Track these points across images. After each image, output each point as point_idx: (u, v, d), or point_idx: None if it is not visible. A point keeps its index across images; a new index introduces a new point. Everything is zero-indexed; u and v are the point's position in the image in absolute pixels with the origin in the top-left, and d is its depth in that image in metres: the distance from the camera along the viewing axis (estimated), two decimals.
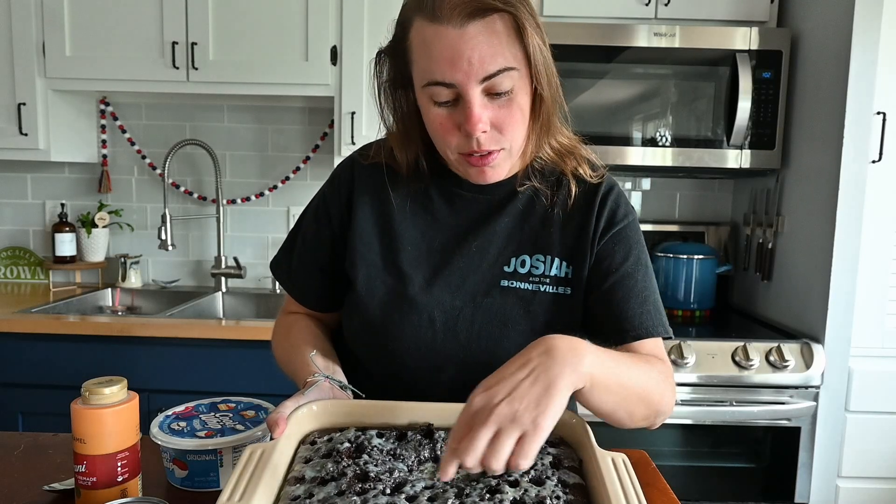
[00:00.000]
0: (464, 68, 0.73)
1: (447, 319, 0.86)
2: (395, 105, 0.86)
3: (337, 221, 0.93)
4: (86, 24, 1.98)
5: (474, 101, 0.75)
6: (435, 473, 0.65)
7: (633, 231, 0.90)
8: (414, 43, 0.77)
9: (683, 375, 1.72)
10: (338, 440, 0.70)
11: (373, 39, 1.96)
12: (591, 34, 1.90)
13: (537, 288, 0.87)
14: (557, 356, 0.62)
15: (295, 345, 0.92)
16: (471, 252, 0.88)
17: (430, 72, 0.76)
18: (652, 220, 2.34)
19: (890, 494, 1.82)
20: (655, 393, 0.77)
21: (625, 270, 0.87)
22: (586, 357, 0.64)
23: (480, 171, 0.82)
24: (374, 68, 0.85)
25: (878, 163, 1.74)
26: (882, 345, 1.80)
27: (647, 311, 0.86)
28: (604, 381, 0.67)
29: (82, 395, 0.73)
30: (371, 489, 0.61)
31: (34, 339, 1.76)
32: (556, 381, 0.60)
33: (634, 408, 0.75)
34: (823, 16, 1.81)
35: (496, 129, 0.78)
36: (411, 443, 0.70)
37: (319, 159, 2.35)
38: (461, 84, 0.74)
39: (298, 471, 0.65)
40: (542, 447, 0.62)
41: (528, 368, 0.61)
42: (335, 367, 0.86)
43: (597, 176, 0.90)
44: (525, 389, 0.59)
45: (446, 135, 0.79)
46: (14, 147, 2.02)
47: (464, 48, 0.73)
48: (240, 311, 2.30)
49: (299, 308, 1.00)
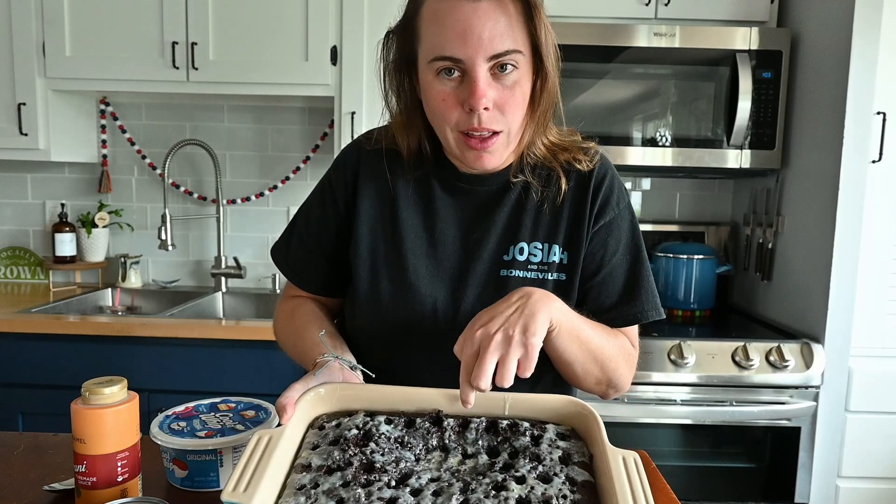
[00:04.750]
0: (473, 43, 0.75)
1: (448, 309, 0.88)
2: (398, 88, 0.87)
3: (342, 205, 0.93)
4: (86, 24, 1.98)
5: (480, 76, 0.76)
6: (442, 463, 0.66)
7: (624, 219, 0.92)
8: (425, 17, 0.78)
9: (683, 375, 1.72)
10: (346, 426, 0.69)
11: (373, 39, 1.96)
12: (591, 34, 1.90)
13: (536, 276, 0.88)
14: (535, 296, 0.73)
15: (301, 326, 0.92)
16: (470, 242, 0.90)
17: (439, 46, 0.76)
18: (652, 220, 2.34)
19: (890, 494, 1.82)
20: (611, 360, 0.85)
21: (616, 261, 0.91)
22: (556, 303, 0.75)
23: (478, 155, 0.82)
24: (381, 50, 0.86)
25: (878, 163, 1.74)
26: (882, 345, 1.80)
27: (631, 301, 0.91)
28: (568, 329, 0.77)
29: (82, 395, 0.73)
30: (376, 481, 0.61)
31: (34, 339, 1.76)
32: (536, 313, 0.70)
33: (590, 367, 0.84)
34: (823, 16, 1.81)
35: (498, 109, 0.79)
36: (419, 430, 0.69)
37: (319, 159, 2.35)
38: (469, 59, 0.76)
39: (305, 458, 0.65)
40: (551, 440, 0.68)
41: (513, 306, 0.71)
42: (344, 347, 0.87)
43: (589, 160, 0.91)
44: (514, 320, 0.69)
45: (448, 111, 0.80)
46: (14, 147, 2.02)
47: (476, 23, 0.74)
48: (240, 311, 2.30)
49: (301, 293, 1.00)
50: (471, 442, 0.69)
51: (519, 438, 0.68)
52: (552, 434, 0.69)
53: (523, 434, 0.69)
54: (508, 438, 0.69)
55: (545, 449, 0.66)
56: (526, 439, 0.68)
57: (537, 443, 0.68)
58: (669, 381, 1.73)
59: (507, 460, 0.66)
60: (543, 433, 0.69)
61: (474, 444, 0.68)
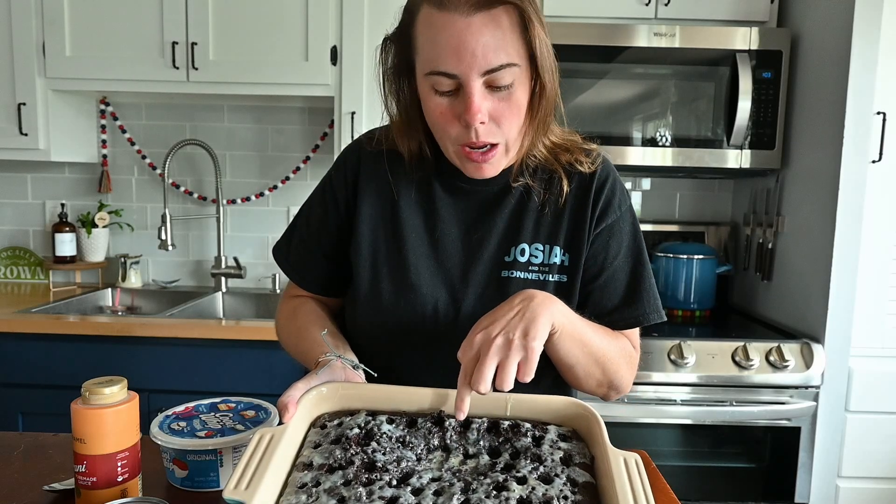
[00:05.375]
0: (467, 60, 0.75)
1: (449, 310, 0.88)
2: (398, 93, 0.87)
3: (343, 205, 0.94)
4: (86, 24, 1.98)
5: (474, 92, 0.76)
6: (443, 463, 0.66)
7: (626, 222, 0.92)
8: (420, 29, 0.78)
9: (683, 375, 1.72)
10: (347, 425, 0.69)
11: (373, 39, 1.96)
12: (591, 34, 1.90)
13: (537, 277, 0.88)
14: (536, 299, 0.73)
15: (303, 326, 0.92)
16: (471, 243, 0.90)
17: (433, 61, 0.77)
18: (652, 220, 2.34)
19: (890, 494, 1.82)
20: (612, 362, 0.85)
21: (617, 264, 0.91)
22: (558, 306, 0.75)
23: (478, 166, 0.83)
24: (379, 55, 0.86)
25: (878, 163, 1.74)
26: (882, 345, 1.80)
27: (633, 304, 0.91)
28: (570, 332, 0.77)
29: (82, 395, 0.73)
30: (377, 479, 0.61)
31: (34, 339, 1.76)
32: (538, 316, 0.70)
33: (592, 369, 0.84)
34: (823, 16, 1.81)
35: (494, 121, 0.79)
36: (421, 430, 0.70)
37: (319, 159, 2.35)
38: (463, 75, 0.76)
39: (307, 456, 0.65)
40: (553, 441, 0.68)
41: (514, 309, 0.72)
42: (346, 346, 0.87)
43: (591, 161, 0.91)
44: (515, 323, 0.70)
45: (446, 125, 0.80)
46: (14, 147, 2.02)
47: (469, 39, 0.74)
48: (240, 311, 2.30)
49: (303, 293, 1.00)
50: (472, 442, 0.69)
51: (520, 439, 0.68)
52: (553, 435, 0.70)
53: (524, 435, 0.69)
54: (510, 439, 0.69)
55: (546, 450, 0.67)
56: (527, 440, 0.68)
57: (538, 444, 0.68)
58: (669, 381, 1.73)
59: (509, 461, 0.66)
60: (545, 434, 0.69)
61: (476, 445, 0.68)
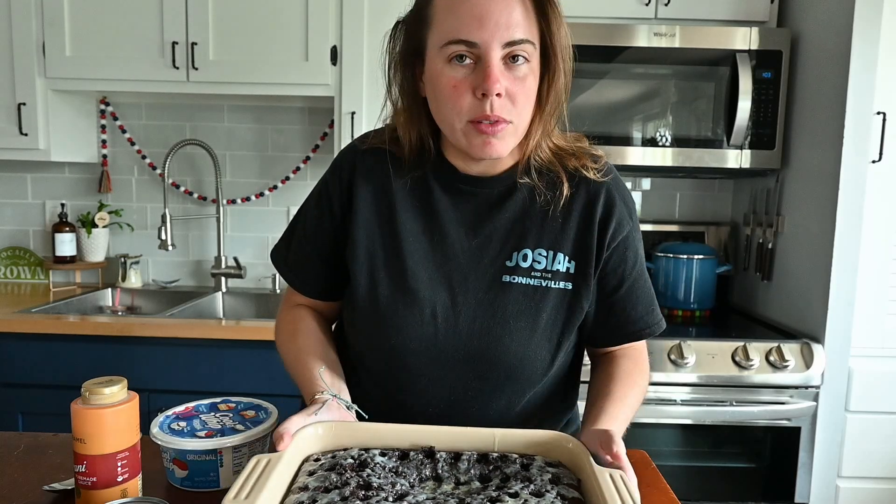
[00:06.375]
0: (490, 28, 0.76)
1: (449, 314, 0.86)
2: (403, 81, 0.86)
3: (338, 209, 0.92)
4: (86, 24, 1.98)
5: (494, 61, 0.77)
6: (436, 490, 0.67)
7: (637, 230, 0.92)
8: (439, 4, 0.79)
9: (683, 375, 1.72)
10: (342, 456, 0.70)
11: (373, 39, 1.96)
12: (591, 34, 1.90)
13: (539, 283, 0.87)
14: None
15: (303, 350, 0.92)
16: (471, 247, 0.88)
17: (454, 30, 0.77)
18: (652, 220, 2.34)
19: (890, 494, 1.82)
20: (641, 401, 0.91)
21: (635, 274, 0.91)
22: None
23: (486, 140, 0.80)
24: (388, 42, 0.86)
25: (878, 163, 1.74)
26: (882, 345, 1.80)
27: (647, 314, 0.93)
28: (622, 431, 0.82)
29: (82, 395, 0.73)
30: (374, 496, 0.62)
31: (34, 339, 1.76)
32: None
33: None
34: (823, 16, 1.81)
35: (509, 98, 0.79)
36: (413, 462, 0.71)
37: (319, 159, 2.35)
38: (485, 43, 0.76)
39: (302, 482, 0.66)
40: (541, 466, 0.70)
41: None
42: (341, 384, 0.86)
43: (597, 168, 0.89)
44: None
45: (458, 98, 0.79)
46: (14, 147, 2.02)
47: (493, 9, 0.76)
48: (240, 311, 2.30)
49: (303, 299, 0.99)
50: (463, 471, 0.70)
51: (510, 465, 0.70)
52: (541, 462, 0.72)
53: (513, 462, 0.71)
54: (499, 466, 0.71)
55: (535, 472, 0.69)
56: (516, 466, 0.70)
57: (527, 469, 0.70)
58: (669, 381, 1.73)
59: (500, 484, 0.68)
60: (532, 461, 0.71)
61: (466, 473, 0.70)
